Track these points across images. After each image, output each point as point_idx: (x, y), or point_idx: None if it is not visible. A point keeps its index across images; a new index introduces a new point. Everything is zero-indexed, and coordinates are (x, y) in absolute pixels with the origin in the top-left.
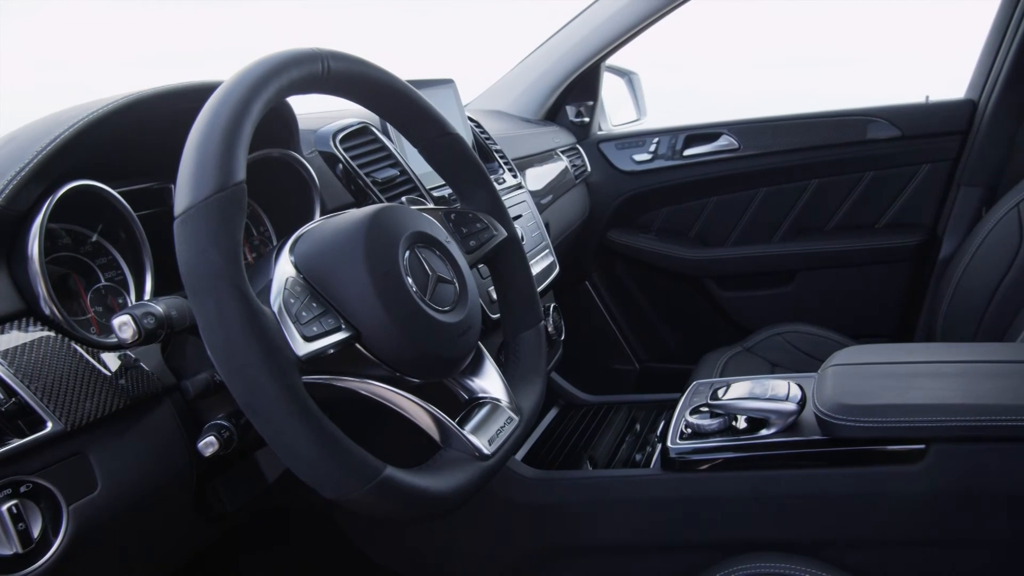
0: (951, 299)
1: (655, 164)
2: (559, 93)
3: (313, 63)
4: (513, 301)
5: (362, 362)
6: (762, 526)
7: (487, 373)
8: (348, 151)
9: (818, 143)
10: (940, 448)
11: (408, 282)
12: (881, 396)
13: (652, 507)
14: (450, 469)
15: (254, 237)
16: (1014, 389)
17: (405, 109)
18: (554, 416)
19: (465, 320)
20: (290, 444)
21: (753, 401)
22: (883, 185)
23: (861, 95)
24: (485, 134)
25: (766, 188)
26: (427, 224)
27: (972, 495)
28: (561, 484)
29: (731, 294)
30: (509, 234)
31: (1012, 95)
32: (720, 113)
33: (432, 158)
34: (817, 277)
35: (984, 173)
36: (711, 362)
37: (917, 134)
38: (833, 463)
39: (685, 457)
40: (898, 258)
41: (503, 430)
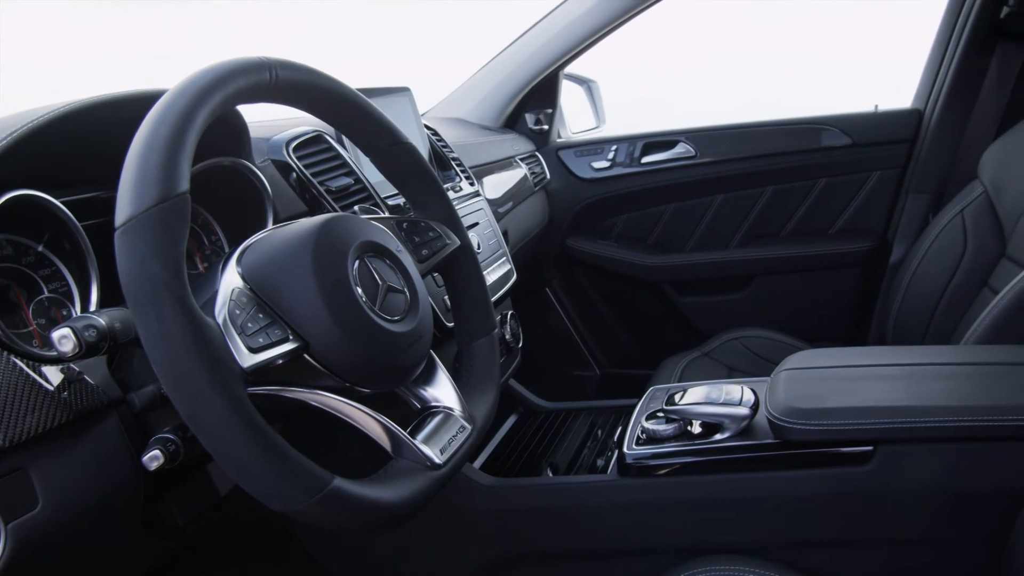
0: (901, 303)
1: (614, 171)
2: (518, 101)
3: (260, 72)
4: (466, 309)
5: (311, 373)
6: (717, 529)
7: (440, 382)
8: (302, 160)
9: (772, 151)
10: (887, 449)
11: (357, 292)
12: (830, 399)
13: (609, 513)
14: (400, 479)
15: (206, 247)
16: (957, 390)
17: (356, 118)
18: (513, 423)
19: (416, 329)
20: (234, 456)
21: (707, 406)
22: (835, 192)
23: (815, 103)
24: (442, 142)
25: (723, 195)
26: (378, 233)
27: (919, 494)
28: (519, 491)
29: (689, 300)
30: (462, 243)
31: (955, 105)
32: (679, 120)
33: (384, 167)
34: (773, 282)
35: (930, 180)
36: (670, 367)
37: (867, 142)
38: (785, 466)
39: (641, 463)
40: (850, 263)
41: (455, 439)
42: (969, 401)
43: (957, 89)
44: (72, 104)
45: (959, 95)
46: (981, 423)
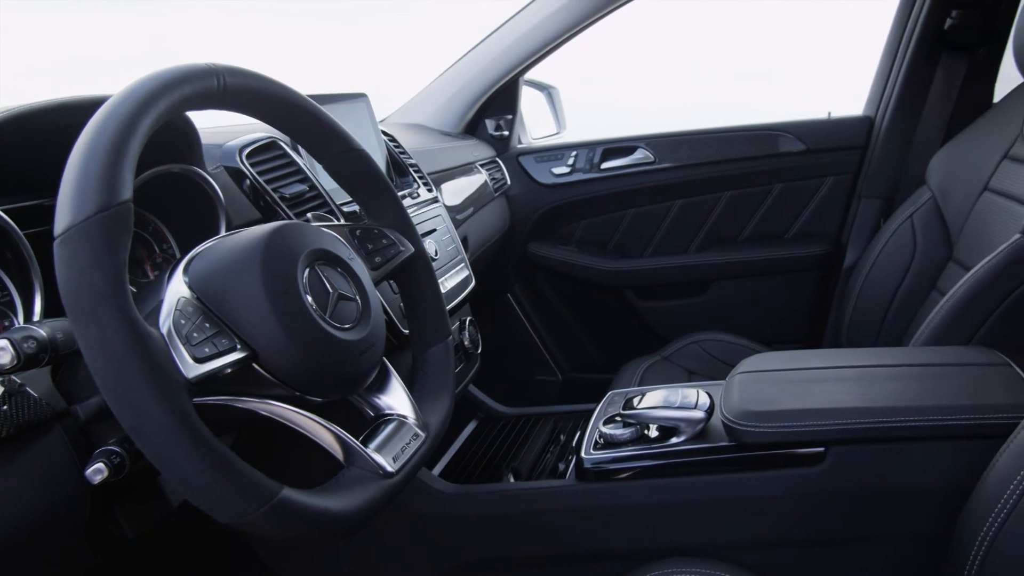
0: (855, 306)
1: (574, 177)
2: (478, 107)
3: (208, 79)
4: (421, 316)
5: (261, 382)
6: (675, 532)
7: (393, 390)
8: (255, 166)
9: (729, 156)
10: (838, 450)
11: (307, 300)
12: (783, 402)
13: (567, 518)
14: (352, 488)
15: (156, 255)
16: (904, 391)
17: (308, 125)
18: (473, 429)
19: (368, 337)
20: (179, 468)
21: (663, 410)
22: (791, 197)
23: (774, 108)
24: (400, 148)
25: (681, 200)
26: (329, 241)
27: (869, 494)
28: (477, 498)
29: (649, 304)
30: (416, 250)
31: (903, 113)
32: (641, 126)
33: (337, 174)
34: (731, 286)
35: (881, 185)
36: (630, 371)
37: (821, 148)
38: (740, 468)
39: (599, 467)
40: (806, 267)
41: (409, 447)
42: (915, 402)
43: (905, 97)
44: (13, 110)
45: (907, 103)
46: (926, 423)
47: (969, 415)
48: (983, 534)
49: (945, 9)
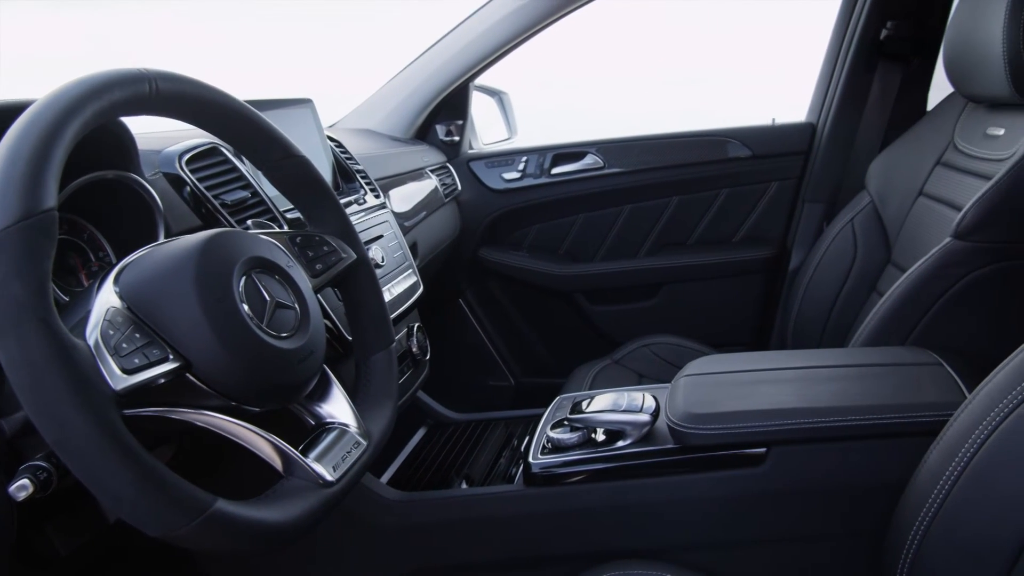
0: (799, 308)
1: (524, 182)
2: (428, 112)
3: (138, 84)
4: (364, 323)
5: (196, 393)
6: (622, 535)
7: (334, 398)
8: (195, 173)
9: (677, 162)
10: (780, 450)
11: (243, 309)
12: (726, 404)
13: (516, 523)
14: (290, 498)
15: (92, 263)
16: (843, 392)
17: (245, 131)
18: (422, 436)
19: (306, 345)
20: (105, 482)
21: (609, 414)
22: (737, 201)
23: (723, 113)
24: (347, 154)
25: (630, 205)
26: (267, 249)
27: (811, 492)
28: (425, 505)
29: (600, 308)
30: (359, 256)
31: (843, 119)
32: (596, 130)
33: (277, 181)
34: (680, 290)
35: (824, 190)
36: (581, 375)
37: (765, 154)
38: (685, 469)
39: (546, 472)
40: (753, 270)
41: (350, 455)
42: (853, 401)
43: (845, 105)
44: None
45: (846, 111)
46: (863, 422)
47: (902, 414)
48: (915, 529)
49: (880, 20)
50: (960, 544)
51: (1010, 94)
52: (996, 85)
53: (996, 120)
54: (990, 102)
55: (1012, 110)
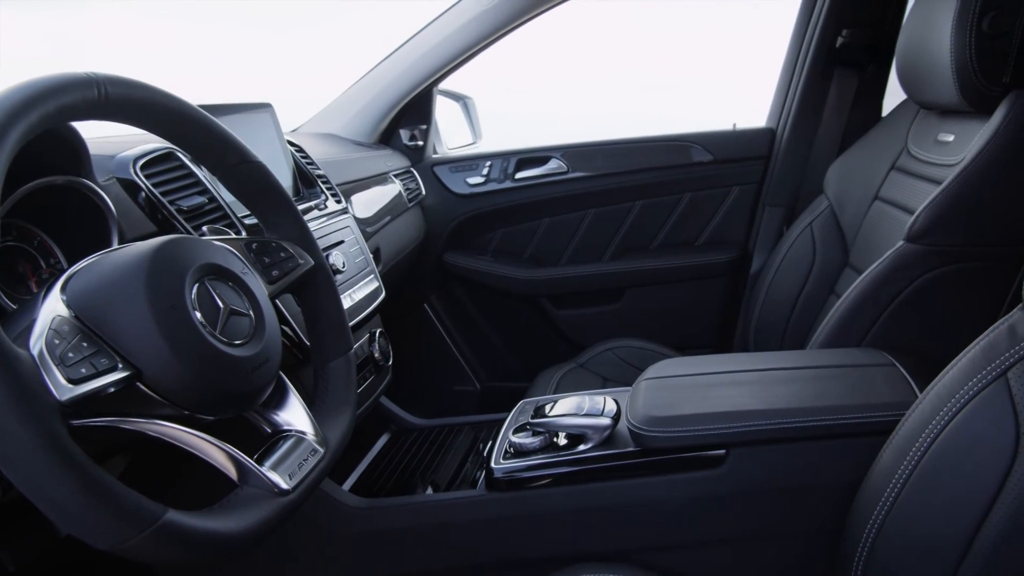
0: (760, 310)
1: (488, 187)
2: (392, 117)
3: (87, 89)
4: (322, 330)
5: (147, 402)
6: (584, 538)
7: (291, 405)
8: (151, 178)
9: (640, 166)
10: (739, 452)
11: (195, 316)
12: (685, 406)
13: (478, 528)
14: (244, 508)
15: (43, 270)
16: (799, 393)
17: (199, 136)
18: (385, 442)
19: (261, 353)
20: (49, 494)
21: (571, 418)
22: (700, 206)
23: (688, 119)
24: (307, 159)
25: (594, 209)
26: (220, 255)
27: (769, 492)
28: (387, 512)
29: (565, 312)
30: (316, 262)
31: (802, 125)
32: (563, 134)
33: (233, 187)
34: (644, 293)
35: (783, 194)
36: (546, 379)
37: (726, 159)
38: (645, 472)
39: (509, 476)
40: (715, 273)
41: (306, 463)
42: (809, 403)
43: (803, 111)
44: None
45: (805, 116)
46: (819, 423)
47: (857, 414)
48: (870, 526)
49: (836, 28)
50: (912, 540)
51: (958, 102)
52: (945, 93)
53: (946, 126)
54: (941, 109)
55: (961, 117)
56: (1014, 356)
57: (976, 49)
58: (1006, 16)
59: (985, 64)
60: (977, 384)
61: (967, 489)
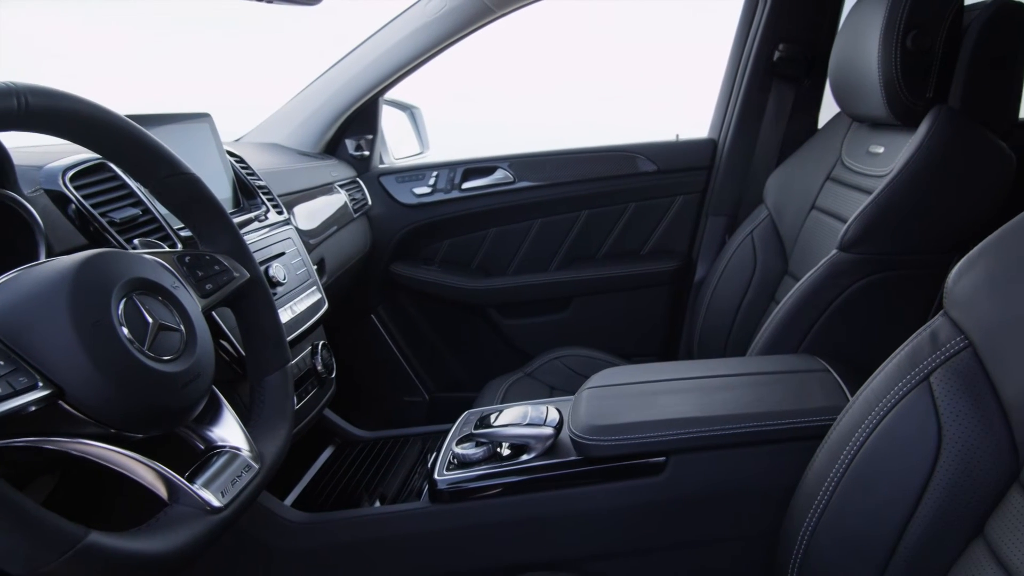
0: (704, 318)
1: (435, 197)
2: (337, 127)
3: (6, 99)
4: (257, 344)
5: (71, 421)
6: (528, 548)
7: (225, 421)
8: (81, 189)
9: (585, 176)
10: (678, 459)
11: (122, 332)
12: (626, 415)
13: (422, 540)
14: (173, 527)
15: None
16: (737, 400)
17: (128, 147)
18: (329, 455)
19: (192, 368)
20: None
21: (514, 428)
22: (644, 215)
23: (637, 127)
24: (248, 170)
25: (541, 219)
26: (150, 269)
27: (708, 498)
28: (330, 526)
29: (512, 322)
30: (252, 275)
31: (742, 135)
32: (511, 144)
33: (164, 199)
34: (591, 302)
35: (725, 204)
36: (493, 389)
37: (670, 169)
38: (587, 481)
39: (452, 488)
40: (661, 282)
41: (240, 479)
42: (746, 409)
43: (743, 122)
44: None
45: (745, 127)
46: (755, 429)
47: (792, 419)
48: (804, 529)
49: (773, 42)
50: (844, 540)
51: (887, 115)
52: (874, 107)
53: (877, 139)
54: (871, 122)
55: (891, 129)
56: (936, 361)
57: (901, 65)
58: (927, 34)
59: (910, 79)
60: (902, 388)
61: (894, 490)
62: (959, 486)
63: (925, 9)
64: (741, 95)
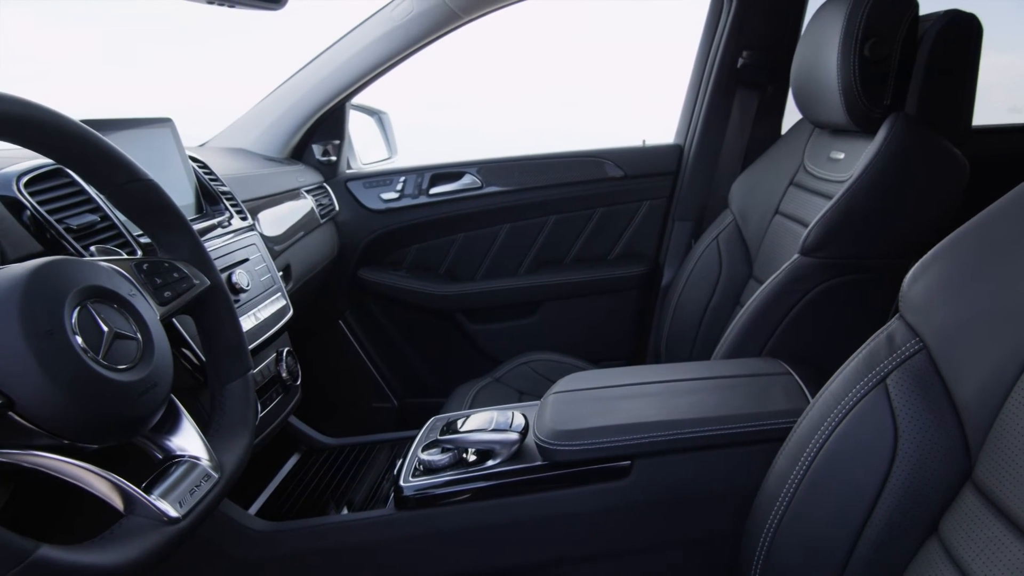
0: (671, 322)
1: (403, 202)
2: (304, 132)
3: None
4: (218, 352)
5: (22, 432)
6: (495, 554)
7: (184, 430)
8: (36, 196)
9: (552, 182)
10: (643, 463)
11: (76, 341)
12: (591, 419)
13: (389, 548)
14: (128, 539)
15: None
16: (702, 403)
17: (84, 153)
18: (295, 463)
19: (150, 377)
20: None
21: (479, 433)
22: (612, 220)
23: (605, 134)
24: (211, 175)
25: (509, 224)
26: (106, 277)
27: (673, 502)
28: (294, 535)
29: (481, 327)
30: (212, 283)
31: (707, 141)
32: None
33: (123, 206)
34: (559, 307)
35: (691, 209)
36: (462, 394)
37: (637, 174)
38: (554, 486)
39: (418, 494)
40: (628, 286)
41: (199, 489)
42: (710, 413)
43: (708, 128)
44: None
45: (710, 134)
46: (718, 432)
47: (755, 422)
48: (766, 530)
49: (737, 50)
50: (804, 541)
51: (846, 122)
52: (834, 113)
53: (838, 145)
54: (832, 128)
55: (851, 135)
56: (892, 363)
57: (859, 73)
58: (884, 43)
59: (868, 87)
60: (860, 391)
61: (852, 490)
62: (914, 486)
63: (881, 18)
64: (706, 101)
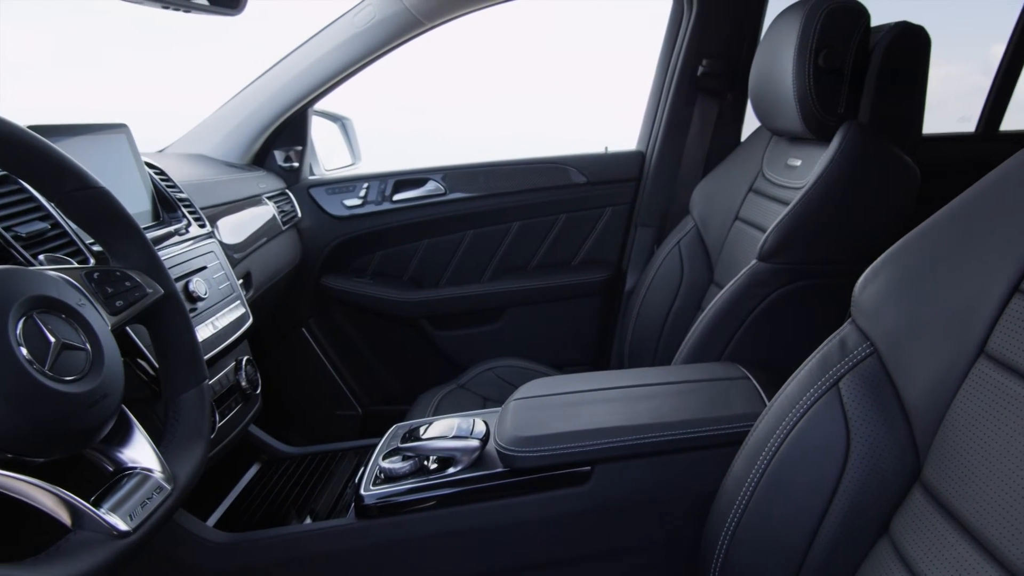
0: (634, 327)
1: (366, 209)
2: (266, 137)
3: None
4: (172, 361)
5: None
6: (457, 561)
7: (136, 441)
8: None
9: (517, 188)
10: (603, 468)
11: (20, 352)
12: (551, 426)
13: (350, 557)
14: (74, 554)
15: None
16: (661, 408)
17: (31, 160)
18: (256, 473)
19: (99, 388)
20: None
21: (440, 441)
22: (575, 226)
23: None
24: (168, 182)
25: (472, 231)
26: (53, 286)
27: (634, 506)
28: (253, 546)
29: (445, 333)
30: (166, 291)
31: (669, 148)
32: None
33: (72, 214)
34: (523, 313)
35: (653, 215)
36: (426, 401)
37: (600, 180)
38: (514, 492)
39: (379, 502)
40: (592, 292)
41: (150, 502)
42: (669, 417)
43: (669, 135)
44: None
45: (671, 140)
46: (677, 436)
47: (712, 426)
48: (724, 533)
49: (697, 58)
50: (760, 544)
51: (802, 130)
52: (791, 122)
53: (795, 152)
54: (789, 136)
55: (807, 143)
56: (844, 367)
57: (814, 82)
58: (837, 53)
59: (822, 96)
60: (814, 394)
61: (807, 492)
62: (866, 487)
63: (835, 29)
64: (667, 108)
